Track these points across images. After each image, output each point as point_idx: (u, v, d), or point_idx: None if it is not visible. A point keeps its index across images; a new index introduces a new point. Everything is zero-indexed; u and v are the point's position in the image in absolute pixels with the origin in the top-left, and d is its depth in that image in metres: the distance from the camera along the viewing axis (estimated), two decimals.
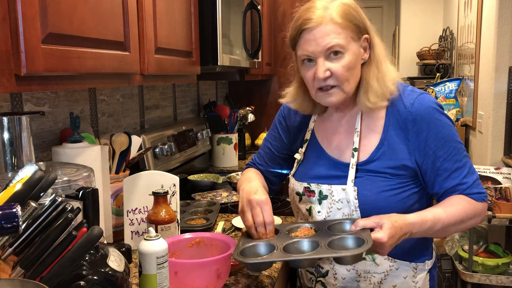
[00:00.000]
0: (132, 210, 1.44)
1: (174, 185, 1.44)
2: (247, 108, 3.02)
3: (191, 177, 2.33)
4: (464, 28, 3.84)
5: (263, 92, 3.28)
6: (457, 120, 3.73)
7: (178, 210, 1.46)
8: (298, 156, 1.35)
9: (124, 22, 1.18)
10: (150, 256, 1.00)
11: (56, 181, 0.90)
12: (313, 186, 1.27)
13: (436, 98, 3.79)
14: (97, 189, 1.05)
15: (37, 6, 0.85)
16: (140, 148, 1.70)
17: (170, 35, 1.46)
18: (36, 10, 0.85)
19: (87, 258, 0.85)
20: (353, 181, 1.21)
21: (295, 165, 1.36)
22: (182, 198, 1.52)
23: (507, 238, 3.01)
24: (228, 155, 2.74)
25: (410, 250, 1.25)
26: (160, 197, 1.34)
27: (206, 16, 1.75)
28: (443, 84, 3.89)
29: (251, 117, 2.97)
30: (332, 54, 1.15)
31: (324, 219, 1.25)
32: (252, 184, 1.28)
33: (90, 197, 1.02)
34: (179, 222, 1.46)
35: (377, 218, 1.09)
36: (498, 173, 2.80)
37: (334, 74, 1.16)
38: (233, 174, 2.35)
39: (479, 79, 3.32)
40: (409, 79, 4.81)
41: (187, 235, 1.27)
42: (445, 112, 1.23)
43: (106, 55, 1.09)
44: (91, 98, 1.69)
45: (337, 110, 1.30)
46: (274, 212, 1.83)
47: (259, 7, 2.30)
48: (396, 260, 1.24)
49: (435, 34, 4.83)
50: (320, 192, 1.25)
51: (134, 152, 1.62)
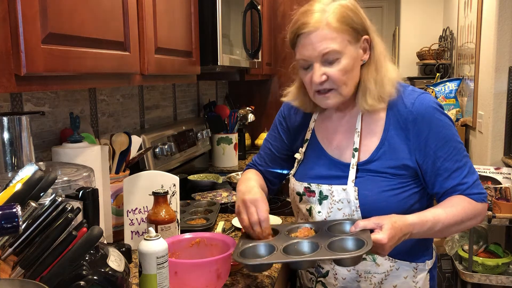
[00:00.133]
0: (132, 210, 1.44)
1: (174, 185, 1.44)
2: (247, 108, 3.02)
3: (191, 177, 2.33)
4: (464, 28, 3.84)
5: (263, 92, 3.28)
6: (457, 120, 3.73)
7: (178, 210, 1.46)
8: (298, 155, 1.35)
9: (124, 22, 1.18)
10: (150, 256, 1.00)
11: (56, 181, 0.90)
12: (313, 186, 1.26)
13: (436, 98, 3.77)
14: (97, 189, 1.05)
15: (37, 6, 0.85)
16: (140, 148, 1.70)
17: (170, 35, 1.46)
18: (36, 10, 0.84)
19: (87, 258, 0.85)
20: (353, 181, 1.21)
21: (295, 165, 1.36)
22: (182, 198, 1.52)
23: (507, 238, 3.01)
24: (228, 155, 2.74)
25: (411, 250, 1.25)
26: (160, 197, 1.34)
27: (206, 16, 1.75)
28: (443, 84, 3.89)
29: (251, 117, 2.97)
30: (329, 59, 1.15)
31: (325, 219, 1.24)
32: (248, 184, 1.28)
33: (90, 197, 1.02)
34: (179, 222, 1.46)
35: (377, 219, 1.09)
36: (498, 173, 2.80)
37: (330, 78, 1.16)
38: (233, 174, 2.34)
39: (479, 79, 3.32)
40: (409, 79, 4.81)
41: (187, 235, 1.27)
42: (445, 112, 1.23)
43: (106, 55, 1.09)
44: (91, 98, 1.69)
45: (337, 110, 1.30)
46: (274, 212, 1.85)
47: (259, 7, 2.30)
48: (396, 260, 1.24)
49: (435, 34, 4.83)
50: (320, 192, 1.25)
51: (134, 152, 1.62)
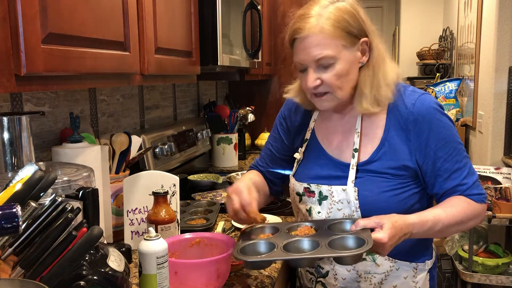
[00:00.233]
0: (132, 210, 1.44)
1: (174, 185, 1.44)
2: (247, 108, 3.02)
3: (191, 177, 2.33)
4: (464, 28, 3.84)
5: (263, 92, 3.28)
6: (457, 120, 3.73)
7: (178, 210, 1.46)
8: (297, 155, 1.35)
9: (124, 22, 1.18)
10: (150, 256, 1.00)
11: (56, 181, 0.90)
12: (313, 187, 1.26)
13: (436, 98, 3.77)
14: (97, 189, 1.05)
15: (37, 6, 0.85)
16: (140, 148, 1.70)
17: (170, 35, 1.46)
18: (36, 10, 0.84)
19: (87, 258, 0.85)
20: (353, 181, 1.21)
21: (295, 164, 1.36)
22: (182, 198, 1.52)
23: (507, 238, 3.01)
24: (228, 155, 2.74)
25: (410, 250, 1.25)
26: (160, 197, 1.34)
27: (206, 16, 1.75)
28: (443, 84, 3.89)
29: (251, 117, 2.97)
30: (323, 64, 1.15)
31: (325, 219, 1.24)
32: (239, 181, 1.29)
33: (90, 197, 1.02)
34: (179, 222, 1.46)
35: (377, 219, 1.09)
36: (498, 173, 2.80)
37: (324, 82, 1.16)
38: (233, 174, 2.34)
39: (479, 79, 3.32)
40: (409, 79, 4.81)
41: (187, 235, 1.27)
42: (445, 112, 1.23)
43: (106, 55, 1.09)
44: (91, 98, 1.69)
45: (337, 111, 1.30)
46: (274, 212, 1.85)
47: (259, 7, 2.30)
48: (396, 260, 1.24)
49: (435, 34, 4.83)
50: (320, 192, 1.25)
51: (134, 152, 1.62)
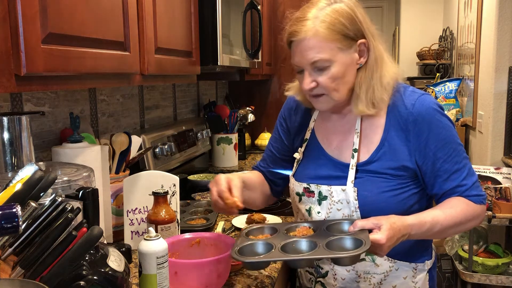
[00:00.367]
0: (132, 210, 1.44)
1: (174, 185, 1.44)
2: (247, 108, 3.02)
3: (191, 177, 2.33)
4: (464, 28, 3.84)
5: (263, 92, 3.28)
6: (457, 120, 3.73)
7: (178, 210, 1.46)
8: (297, 155, 1.35)
9: (124, 22, 1.18)
10: (150, 256, 1.00)
11: (56, 181, 0.90)
12: (312, 187, 1.26)
13: (436, 98, 3.78)
14: (97, 189, 1.05)
15: (37, 6, 0.85)
16: (140, 148, 1.70)
17: (170, 35, 1.46)
18: (36, 10, 0.84)
19: (87, 258, 0.85)
20: (353, 182, 1.21)
21: (295, 164, 1.36)
22: (182, 198, 1.52)
23: (507, 238, 3.01)
24: (228, 155, 2.74)
25: (410, 250, 1.25)
26: (160, 197, 1.34)
27: (206, 16, 1.76)
28: (443, 84, 3.89)
29: (251, 117, 2.97)
30: (319, 66, 1.15)
31: (324, 219, 1.24)
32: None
33: (90, 197, 1.02)
34: (179, 222, 1.46)
35: (375, 219, 1.09)
36: (498, 173, 2.80)
37: (320, 85, 1.17)
38: None
39: (479, 79, 3.32)
40: (409, 79, 4.81)
41: (187, 235, 1.27)
42: (445, 113, 1.23)
43: (106, 55, 1.09)
44: (91, 98, 1.69)
45: (336, 111, 1.29)
46: (274, 212, 1.85)
47: (259, 7, 2.30)
48: (395, 260, 1.23)
49: (435, 34, 4.83)
50: (319, 192, 1.25)
51: (134, 152, 1.62)
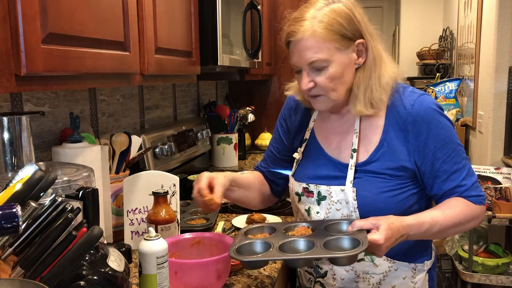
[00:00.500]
0: (132, 210, 1.44)
1: (174, 185, 1.44)
2: (247, 108, 3.02)
3: (191, 177, 2.33)
4: (464, 28, 3.84)
5: (263, 92, 3.28)
6: (457, 120, 3.72)
7: (178, 210, 1.46)
8: (296, 155, 1.35)
9: (124, 22, 1.18)
10: (150, 256, 1.00)
11: (56, 181, 0.90)
12: (311, 187, 1.26)
13: (436, 98, 3.78)
14: (97, 189, 1.05)
15: (37, 6, 0.85)
16: (140, 148, 1.70)
17: (170, 35, 1.46)
18: (36, 10, 0.85)
19: (87, 258, 0.85)
20: (352, 182, 1.21)
21: (294, 164, 1.36)
22: (182, 198, 1.52)
23: (507, 238, 3.01)
24: (228, 155, 2.74)
25: (409, 250, 1.25)
26: (160, 197, 1.34)
27: (206, 16, 1.76)
28: (443, 84, 3.89)
29: (251, 117, 2.97)
30: (316, 67, 1.15)
31: (323, 219, 1.24)
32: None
33: (90, 197, 1.02)
34: (179, 222, 1.46)
35: (374, 220, 1.09)
36: (498, 173, 2.80)
37: (318, 85, 1.17)
38: None
39: (479, 79, 3.32)
40: (409, 79, 4.81)
41: (187, 235, 1.27)
42: (445, 113, 1.23)
43: (106, 55, 1.09)
44: (91, 98, 1.69)
45: (335, 111, 1.29)
46: (274, 212, 1.85)
47: (259, 7, 2.30)
48: (395, 261, 1.23)
49: (435, 34, 4.83)
50: (319, 193, 1.25)
51: (134, 152, 1.62)
